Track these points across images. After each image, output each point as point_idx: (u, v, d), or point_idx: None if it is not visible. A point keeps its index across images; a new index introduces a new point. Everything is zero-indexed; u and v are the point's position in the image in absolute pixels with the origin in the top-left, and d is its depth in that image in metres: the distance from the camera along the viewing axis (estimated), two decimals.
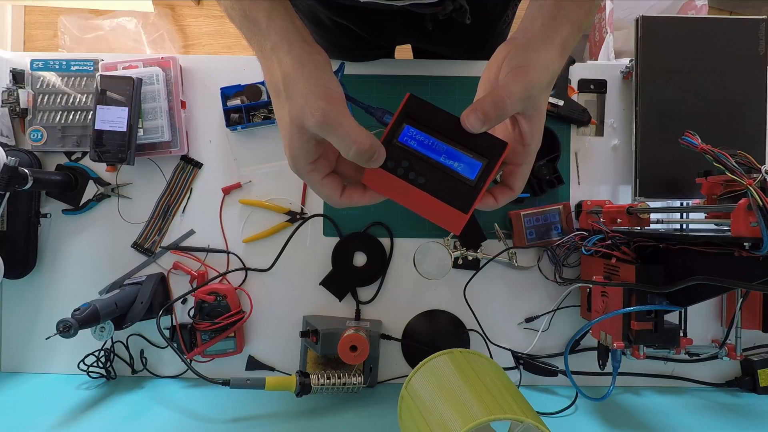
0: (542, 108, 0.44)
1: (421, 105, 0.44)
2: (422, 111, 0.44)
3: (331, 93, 0.41)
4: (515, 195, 0.47)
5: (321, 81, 0.41)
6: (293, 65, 0.41)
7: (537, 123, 0.44)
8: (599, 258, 0.77)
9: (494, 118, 0.41)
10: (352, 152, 0.41)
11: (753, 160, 0.58)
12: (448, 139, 0.44)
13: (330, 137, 0.41)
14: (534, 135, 0.44)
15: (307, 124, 0.41)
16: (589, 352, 0.88)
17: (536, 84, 0.41)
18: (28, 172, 0.77)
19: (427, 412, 0.60)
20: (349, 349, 0.77)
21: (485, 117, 0.41)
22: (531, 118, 0.43)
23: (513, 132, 0.46)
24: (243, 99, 0.87)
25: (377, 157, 0.42)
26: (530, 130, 0.44)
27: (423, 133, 0.44)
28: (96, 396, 0.82)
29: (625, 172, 0.90)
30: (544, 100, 0.44)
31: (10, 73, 0.87)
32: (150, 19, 2.01)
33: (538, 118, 0.44)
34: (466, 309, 0.88)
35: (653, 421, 0.78)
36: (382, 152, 0.43)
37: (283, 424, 0.75)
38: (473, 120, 0.41)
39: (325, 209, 0.90)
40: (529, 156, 0.45)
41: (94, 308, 0.74)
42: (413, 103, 0.44)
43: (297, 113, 0.41)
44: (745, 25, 0.83)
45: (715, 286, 0.61)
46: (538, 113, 0.44)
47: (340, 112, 0.41)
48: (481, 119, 0.41)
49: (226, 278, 0.89)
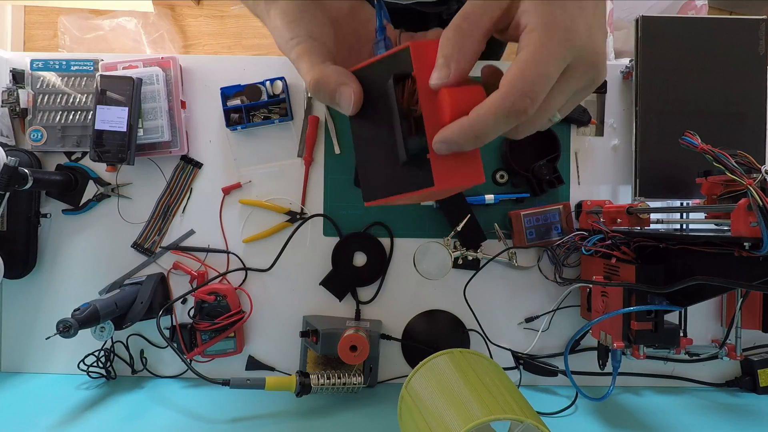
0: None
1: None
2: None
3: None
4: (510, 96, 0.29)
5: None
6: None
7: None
8: (599, 258, 0.77)
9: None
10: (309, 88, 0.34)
11: (753, 160, 0.58)
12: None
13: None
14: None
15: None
16: (589, 352, 0.88)
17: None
18: (28, 172, 0.77)
19: (427, 412, 0.60)
20: (349, 349, 0.77)
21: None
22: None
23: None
24: (243, 99, 0.87)
25: (341, 96, 0.33)
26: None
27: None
28: (96, 396, 0.82)
29: (625, 172, 0.90)
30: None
31: (10, 73, 0.87)
32: (150, 19, 2.01)
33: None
34: (466, 309, 0.88)
35: (653, 421, 0.78)
36: (347, 92, 0.33)
37: (283, 424, 0.75)
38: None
39: (325, 209, 0.90)
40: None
41: (94, 308, 0.74)
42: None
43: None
44: (745, 25, 0.83)
45: (715, 286, 0.61)
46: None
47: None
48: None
49: (226, 278, 0.89)
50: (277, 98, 0.87)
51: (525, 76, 0.28)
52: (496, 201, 0.87)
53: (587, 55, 0.30)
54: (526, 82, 0.28)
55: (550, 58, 0.29)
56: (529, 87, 0.28)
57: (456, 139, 0.30)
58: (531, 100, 0.28)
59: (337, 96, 0.33)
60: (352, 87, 0.33)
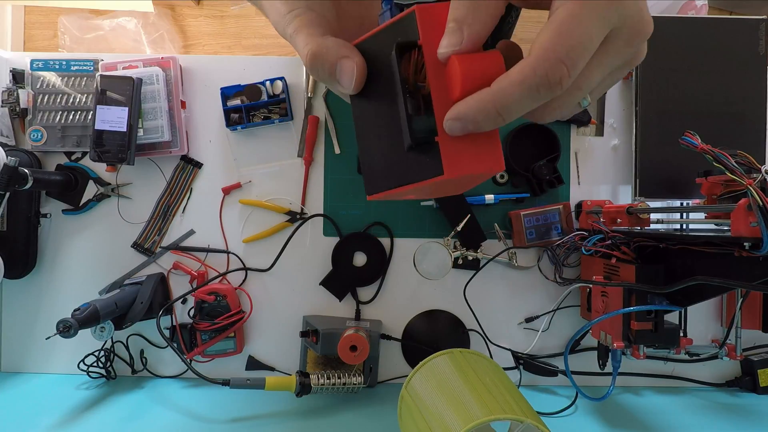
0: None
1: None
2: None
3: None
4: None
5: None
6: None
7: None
8: (599, 258, 0.77)
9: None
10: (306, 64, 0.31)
11: (753, 160, 0.58)
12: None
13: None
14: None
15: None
16: (589, 352, 0.88)
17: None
18: (28, 172, 0.77)
19: (427, 412, 0.60)
20: (349, 349, 0.77)
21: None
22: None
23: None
24: (243, 99, 0.87)
25: (341, 71, 0.29)
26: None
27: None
28: (96, 396, 0.82)
29: (625, 172, 0.90)
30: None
31: (10, 73, 0.87)
32: (150, 19, 2.01)
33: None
34: (466, 309, 0.88)
35: (653, 421, 0.78)
36: (348, 65, 0.29)
37: (283, 424, 0.75)
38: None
39: (325, 209, 0.90)
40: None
41: (94, 308, 0.74)
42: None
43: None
44: (745, 25, 0.83)
45: (715, 286, 0.61)
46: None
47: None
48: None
49: (226, 278, 0.89)
50: (277, 98, 0.87)
51: (563, 38, 0.24)
52: (496, 201, 0.87)
53: (633, 22, 0.26)
54: (563, 46, 0.23)
55: (592, 16, 0.24)
56: (566, 52, 0.24)
57: (473, 115, 0.25)
58: (568, 68, 0.24)
59: (337, 70, 0.29)
60: (354, 60, 0.29)
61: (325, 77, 0.30)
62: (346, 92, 0.31)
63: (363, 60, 0.29)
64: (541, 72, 0.24)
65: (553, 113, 0.28)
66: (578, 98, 0.27)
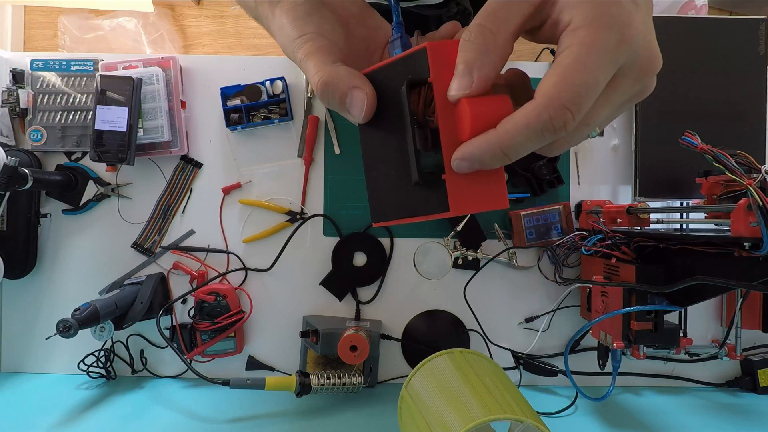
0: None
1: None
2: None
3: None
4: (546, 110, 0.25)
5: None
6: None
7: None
8: (599, 258, 0.77)
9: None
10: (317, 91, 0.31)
11: (753, 160, 0.58)
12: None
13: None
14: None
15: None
16: (589, 352, 0.88)
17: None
18: (28, 172, 0.77)
19: (427, 412, 0.60)
20: (349, 349, 0.77)
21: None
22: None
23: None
24: (243, 99, 0.87)
25: (352, 101, 0.30)
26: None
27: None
28: (96, 396, 0.82)
29: (625, 172, 0.90)
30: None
31: (10, 73, 0.87)
32: (150, 19, 2.01)
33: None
34: (466, 309, 0.88)
35: (653, 421, 0.78)
36: (359, 96, 0.29)
37: (283, 424, 0.75)
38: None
39: (325, 209, 0.90)
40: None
41: (94, 308, 0.74)
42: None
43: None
44: (745, 25, 0.83)
45: (715, 286, 0.61)
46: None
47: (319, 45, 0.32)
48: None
49: (226, 278, 0.89)
50: (277, 98, 0.87)
51: (568, 84, 0.24)
52: None
53: (642, 60, 0.26)
54: (568, 92, 0.24)
55: (600, 61, 0.24)
56: (571, 98, 0.24)
57: (480, 155, 0.26)
58: (573, 113, 0.24)
59: (348, 100, 0.30)
60: (365, 91, 0.29)
61: (336, 106, 0.31)
62: (355, 122, 0.31)
63: (374, 91, 0.30)
64: (545, 117, 0.24)
65: (561, 148, 0.28)
66: (586, 133, 0.28)
